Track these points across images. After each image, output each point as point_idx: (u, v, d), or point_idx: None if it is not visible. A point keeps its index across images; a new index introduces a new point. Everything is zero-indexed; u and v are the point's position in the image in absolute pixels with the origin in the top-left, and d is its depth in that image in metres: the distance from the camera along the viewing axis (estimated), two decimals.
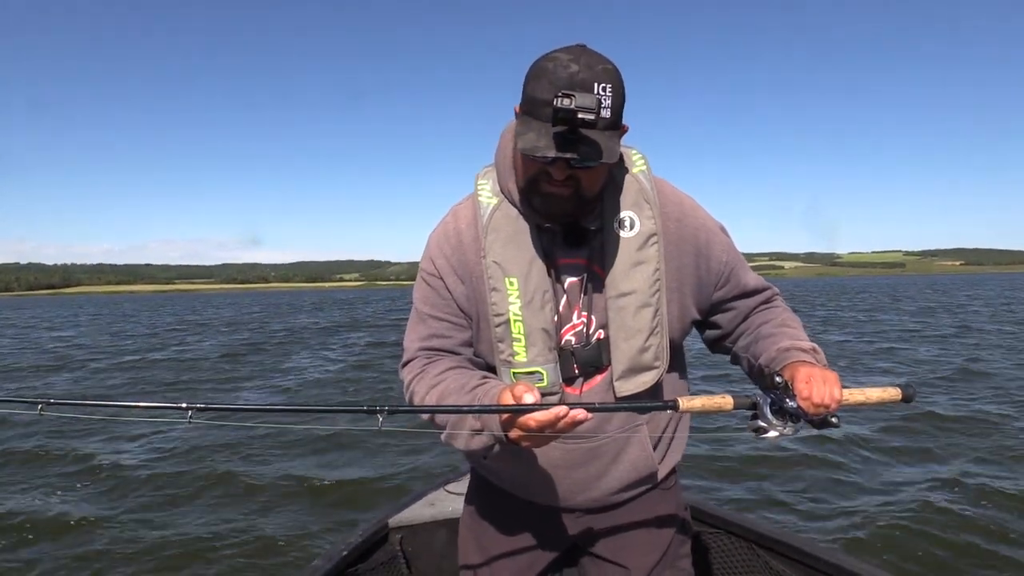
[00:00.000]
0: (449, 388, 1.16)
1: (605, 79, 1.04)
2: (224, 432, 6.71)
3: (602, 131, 1.05)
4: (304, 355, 15.06)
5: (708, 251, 1.26)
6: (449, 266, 1.25)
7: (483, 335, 1.25)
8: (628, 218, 1.21)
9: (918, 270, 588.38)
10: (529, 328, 1.19)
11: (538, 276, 1.19)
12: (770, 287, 1.37)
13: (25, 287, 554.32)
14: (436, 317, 1.26)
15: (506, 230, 1.21)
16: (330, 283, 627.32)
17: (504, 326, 1.20)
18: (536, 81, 1.06)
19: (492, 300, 1.20)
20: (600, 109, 1.02)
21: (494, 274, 1.20)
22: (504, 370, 1.22)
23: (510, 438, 1.03)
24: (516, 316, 1.19)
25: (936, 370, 10.04)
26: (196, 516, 4.60)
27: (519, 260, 1.19)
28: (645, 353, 1.22)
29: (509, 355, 1.21)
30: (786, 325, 1.29)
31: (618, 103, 1.06)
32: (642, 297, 1.20)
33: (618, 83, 1.06)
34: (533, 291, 1.19)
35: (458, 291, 1.25)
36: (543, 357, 1.20)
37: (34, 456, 6.31)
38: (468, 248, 1.24)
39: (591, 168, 1.08)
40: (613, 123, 1.07)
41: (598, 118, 1.01)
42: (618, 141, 1.09)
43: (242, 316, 37.20)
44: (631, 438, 1.30)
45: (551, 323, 1.20)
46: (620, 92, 1.06)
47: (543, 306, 1.19)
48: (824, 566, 1.81)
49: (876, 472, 5.04)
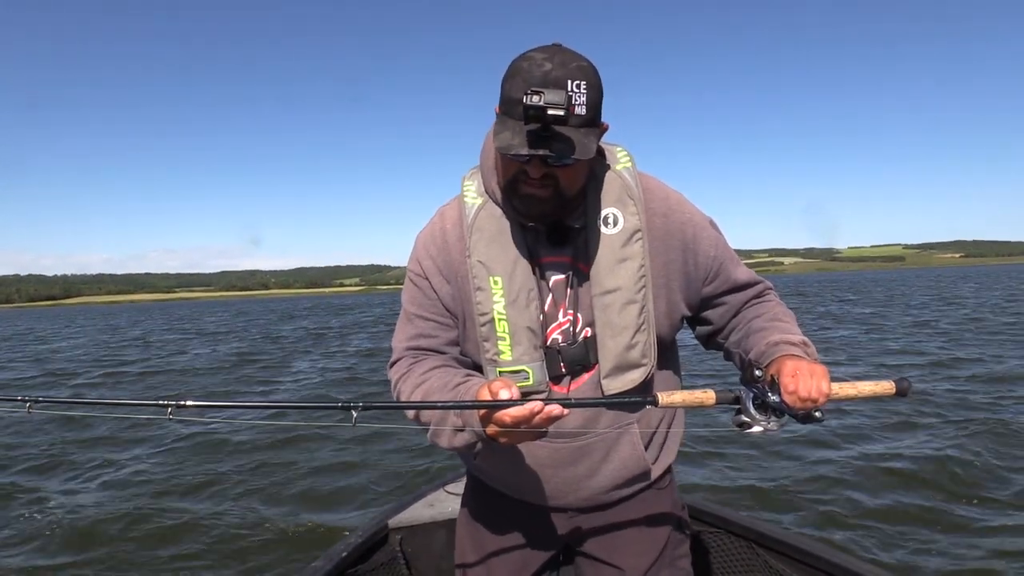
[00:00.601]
0: (433, 386, 1.17)
1: (579, 76, 1.05)
2: (216, 433, 6.77)
3: (576, 128, 1.05)
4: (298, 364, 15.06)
5: (695, 246, 1.26)
6: (435, 266, 1.26)
7: (469, 334, 1.25)
8: (612, 215, 1.21)
9: (918, 263, 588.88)
10: (514, 327, 1.19)
11: (522, 275, 1.20)
12: (762, 281, 1.36)
13: (26, 299, 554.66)
14: (423, 317, 1.27)
15: (490, 229, 1.22)
16: (330, 288, 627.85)
17: (489, 325, 1.20)
18: (511, 80, 1.07)
19: (477, 299, 1.21)
20: (573, 106, 1.02)
21: (479, 273, 1.20)
22: (490, 369, 1.22)
23: (488, 434, 1.04)
24: (500, 315, 1.19)
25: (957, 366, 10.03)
26: (192, 517, 4.58)
27: (503, 259, 1.20)
28: (632, 350, 1.21)
29: (495, 354, 1.21)
30: (778, 319, 1.28)
31: (594, 99, 1.06)
32: (627, 294, 1.20)
33: (593, 79, 1.07)
34: (518, 290, 1.19)
35: (444, 291, 1.26)
36: (529, 356, 1.20)
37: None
38: (453, 248, 1.25)
39: (568, 166, 1.09)
40: (589, 120, 1.07)
41: (571, 115, 1.02)
42: (595, 138, 1.09)
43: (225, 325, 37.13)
44: (621, 436, 1.29)
45: (536, 321, 1.20)
46: (596, 89, 1.07)
47: (528, 304, 1.20)
48: (824, 565, 1.80)
49: (877, 472, 5.02)
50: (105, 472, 5.87)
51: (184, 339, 24.05)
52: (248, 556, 3.97)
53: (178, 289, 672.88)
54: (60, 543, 4.29)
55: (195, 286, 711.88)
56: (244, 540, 4.19)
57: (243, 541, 4.18)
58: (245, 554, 4.00)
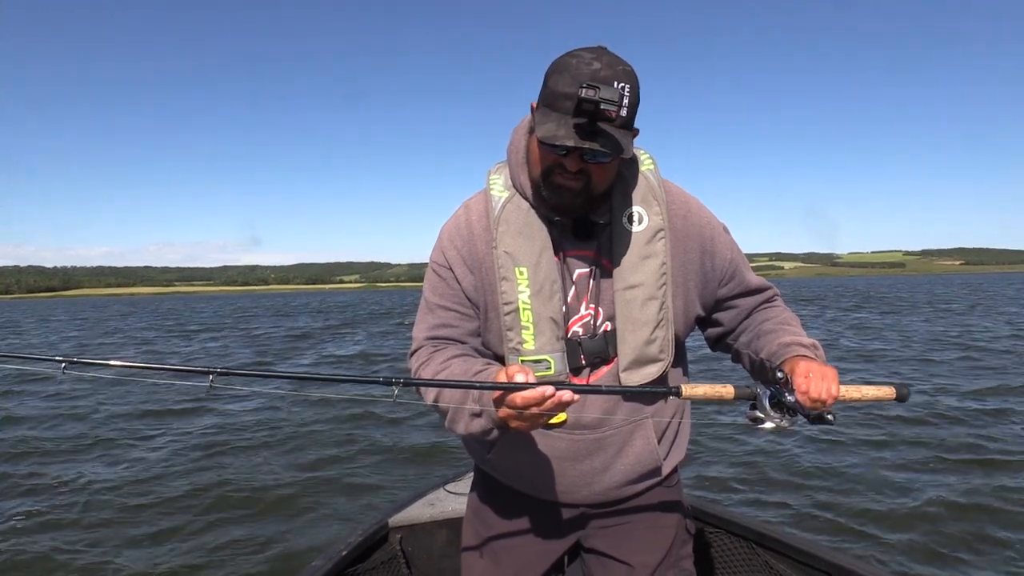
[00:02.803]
0: (453, 374, 1.19)
1: (624, 79, 1.09)
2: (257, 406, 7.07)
3: (618, 128, 1.09)
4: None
5: (713, 248, 1.30)
6: (459, 257, 1.28)
7: (492, 324, 1.28)
8: (637, 213, 1.24)
9: (918, 270, 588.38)
10: (538, 316, 1.22)
11: (547, 266, 1.23)
12: (771, 287, 1.40)
13: (25, 289, 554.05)
14: (444, 307, 1.30)
15: (517, 222, 1.24)
16: (330, 285, 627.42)
17: (513, 314, 1.23)
18: (559, 75, 1.10)
19: (502, 289, 1.23)
20: (620, 106, 1.07)
21: (504, 263, 1.23)
22: (512, 358, 1.24)
23: (500, 417, 1.06)
24: (525, 304, 1.22)
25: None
26: (233, 480, 4.63)
27: (529, 251, 1.23)
28: (651, 345, 1.24)
29: (518, 343, 1.23)
30: (787, 323, 1.32)
31: (634, 103, 1.11)
32: (649, 290, 1.23)
33: (635, 85, 1.11)
34: (543, 281, 1.22)
35: (467, 281, 1.28)
36: (551, 345, 1.23)
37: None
38: (479, 239, 1.27)
39: (603, 164, 1.14)
40: (628, 122, 1.11)
41: (617, 115, 1.07)
42: (631, 140, 1.13)
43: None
44: (636, 431, 1.31)
45: (559, 313, 1.23)
46: (636, 94, 1.11)
47: (552, 296, 1.22)
48: (824, 566, 1.81)
49: (877, 471, 5.03)
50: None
51: (161, 337, 23.49)
52: (247, 556, 3.98)
53: (177, 283, 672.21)
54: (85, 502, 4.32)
55: (195, 280, 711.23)
56: (243, 539, 4.21)
57: (243, 540, 4.20)
58: (244, 554, 4.02)
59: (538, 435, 1.30)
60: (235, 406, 8.26)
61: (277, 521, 4.44)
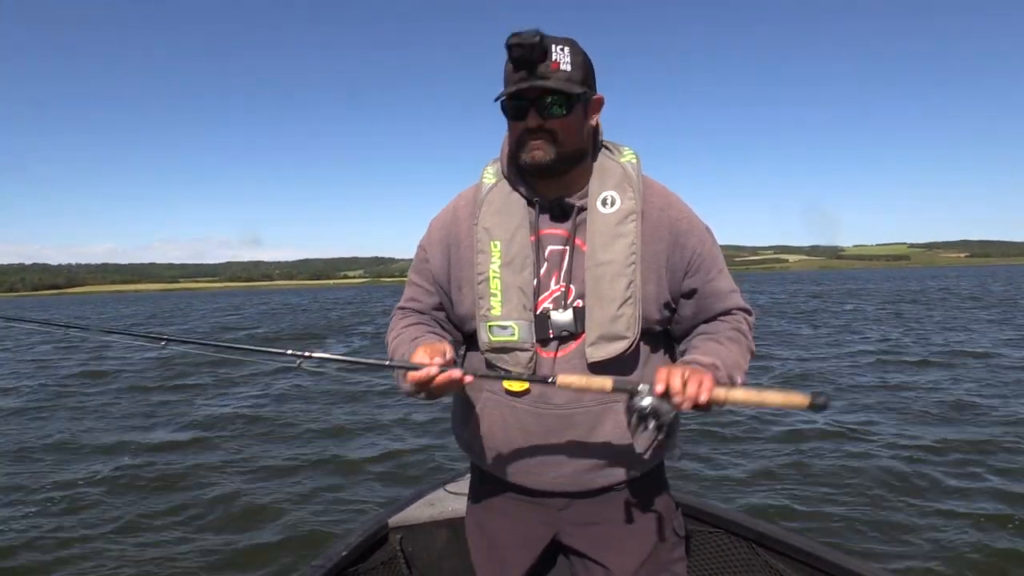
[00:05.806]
0: (403, 337, 1.39)
1: (563, 42, 1.21)
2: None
3: (564, 81, 1.20)
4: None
5: (685, 240, 1.34)
6: (437, 239, 1.43)
7: (466, 297, 1.38)
8: (610, 197, 1.32)
9: (923, 262, 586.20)
10: (506, 285, 1.31)
11: (521, 241, 1.32)
12: (740, 305, 1.39)
13: (30, 287, 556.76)
14: (415, 284, 1.48)
15: (498, 202, 1.36)
16: (335, 280, 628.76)
17: (484, 283, 1.33)
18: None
19: (478, 260, 1.34)
20: (556, 62, 1.19)
21: (482, 238, 1.34)
22: (482, 324, 1.34)
23: (408, 380, 1.20)
24: (495, 274, 1.32)
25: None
26: (219, 492, 4.64)
27: (505, 226, 1.34)
28: (617, 322, 1.28)
29: (487, 310, 1.33)
30: (717, 341, 1.33)
31: (579, 62, 1.23)
32: (617, 267, 1.29)
33: (577, 48, 1.23)
34: (514, 254, 1.32)
35: (436, 263, 1.43)
36: (517, 313, 1.31)
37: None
38: (462, 221, 1.40)
39: (562, 117, 1.23)
40: (579, 80, 1.22)
41: (556, 70, 1.19)
42: (580, 89, 1.22)
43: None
44: (605, 414, 1.32)
45: (528, 284, 1.31)
46: (580, 56, 1.24)
47: (523, 269, 1.31)
48: (824, 565, 1.81)
49: (879, 470, 5.02)
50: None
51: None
52: (246, 556, 4.00)
53: (182, 279, 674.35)
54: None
55: (199, 276, 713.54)
56: (242, 539, 4.23)
57: (242, 540, 4.22)
58: (243, 553, 4.03)
59: (507, 408, 1.35)
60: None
61: (277, 522, 4.45)
